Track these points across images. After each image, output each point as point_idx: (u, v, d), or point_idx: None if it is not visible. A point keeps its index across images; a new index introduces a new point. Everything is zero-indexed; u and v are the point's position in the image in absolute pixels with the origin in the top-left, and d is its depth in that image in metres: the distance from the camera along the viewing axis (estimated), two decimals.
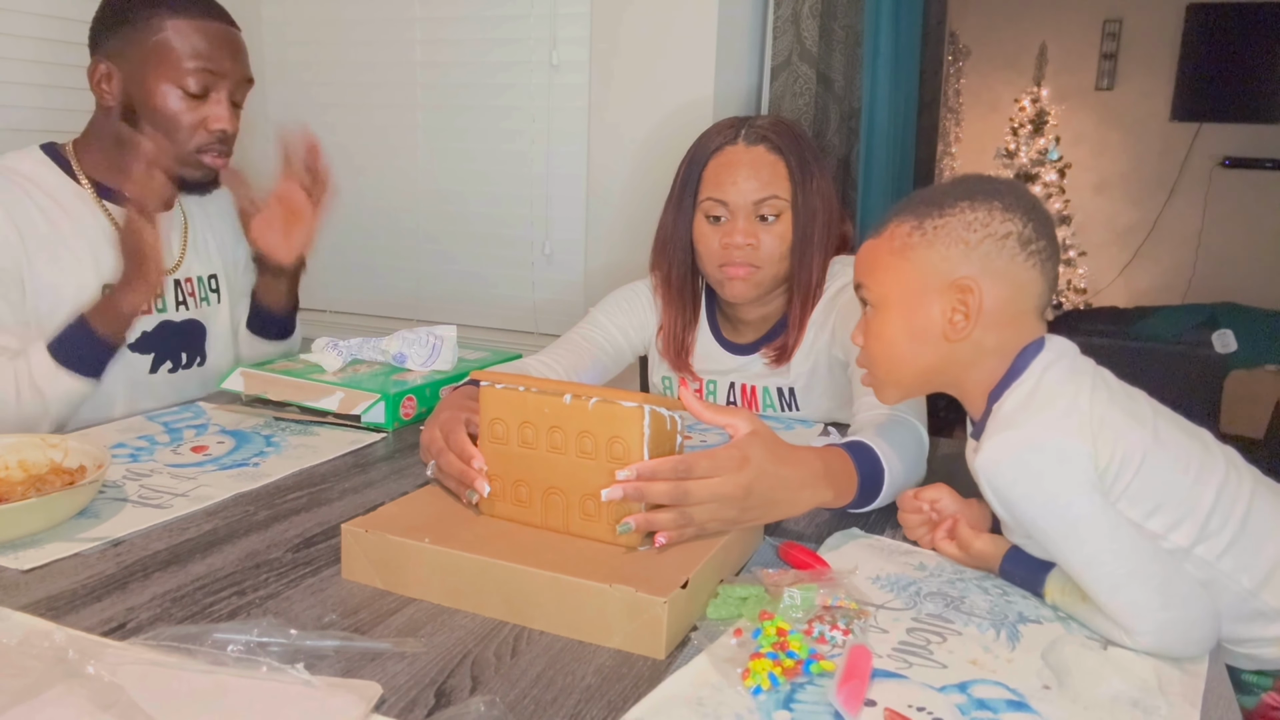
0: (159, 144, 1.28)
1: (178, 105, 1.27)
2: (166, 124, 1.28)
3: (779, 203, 1.30)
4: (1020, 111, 4.88)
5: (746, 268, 1.31)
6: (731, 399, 1.44)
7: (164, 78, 1.26)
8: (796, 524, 0.99)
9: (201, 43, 1.27)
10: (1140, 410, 0.83)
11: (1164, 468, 0.79)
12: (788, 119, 1.43)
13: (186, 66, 1.26)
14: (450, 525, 0.84)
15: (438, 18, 2.18)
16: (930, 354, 0.86)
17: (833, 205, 1.35)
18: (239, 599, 0.79)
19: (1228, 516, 0.79)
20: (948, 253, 0.84)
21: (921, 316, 0.85)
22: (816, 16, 1.97)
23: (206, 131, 1.30)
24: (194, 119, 1.29)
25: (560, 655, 0.71)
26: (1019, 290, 0.84)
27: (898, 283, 0.87)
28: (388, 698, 0.64)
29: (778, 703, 0.65)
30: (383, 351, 1.42)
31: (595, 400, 0.81)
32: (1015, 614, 0.80)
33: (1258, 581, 0.79)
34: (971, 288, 0.83)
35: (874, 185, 2.15)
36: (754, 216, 1.31)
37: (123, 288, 1.24)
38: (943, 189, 0.88)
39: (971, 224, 0.84)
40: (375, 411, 1.26)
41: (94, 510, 0.95)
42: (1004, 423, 0.81)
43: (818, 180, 1.32)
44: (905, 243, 0.86)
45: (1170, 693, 0.69)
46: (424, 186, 2.29)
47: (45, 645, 0.66)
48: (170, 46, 1.25)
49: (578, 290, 2.17)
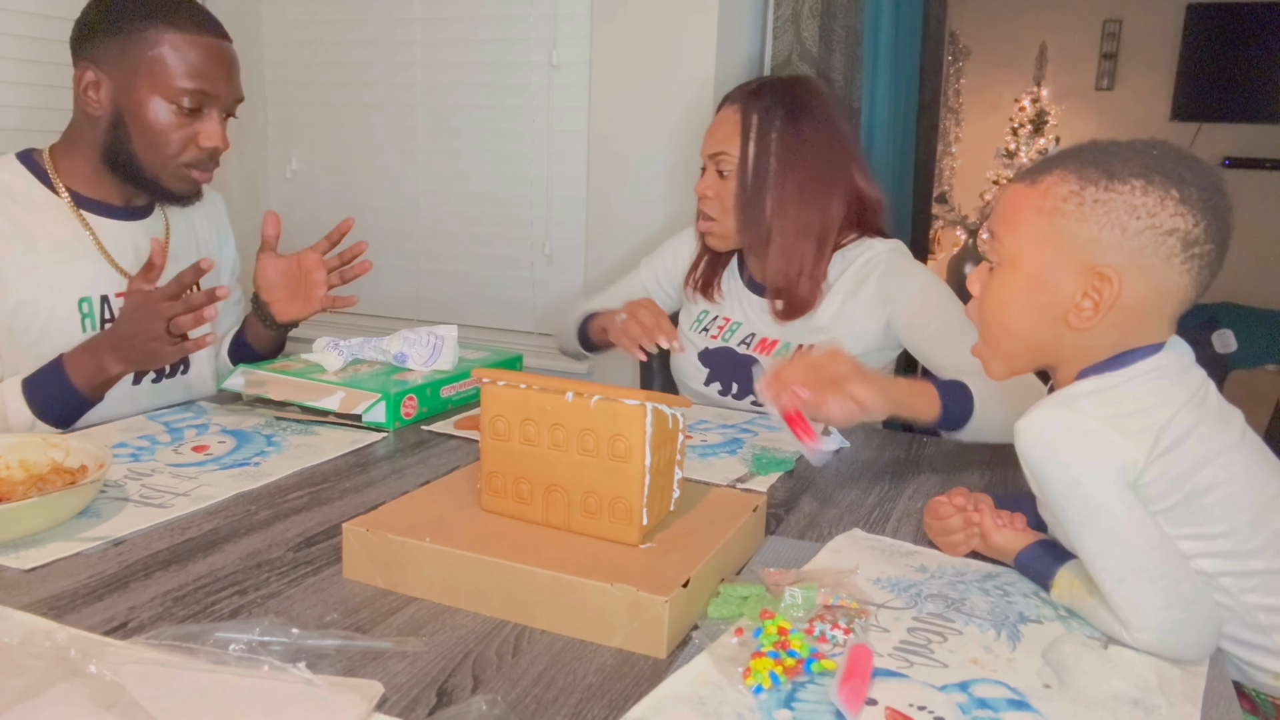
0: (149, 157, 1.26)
1: (169, 120, 1.24)
2: (156, 138, 1.25)
3: (728, 158, 1.39)
4: (1020, 111, 4.89)
5: (705, 220, 1.44)
6: (744, 343, 1.49)
7: (157, 92, 1.23)
8: (798, 521, 0.99)
9: (198, 59, 1.23)
10: (1225, 438, 0.78)
11: (1221, 504, 0.76)
12: (805, 76, 1.49)
13: (182, 85, 1.23)
14: (451, 524, 0.84)
15: (438, 18, 2.18)
16: (1045, 333, 0.80)
17: (813, 162, 1.37)
18: (240, 598, 0.79)
19: (1272, 559, 0.76)
20: (1100, 234, 0.76)
21: (1049, 291, 0.79)
22: (816, 16, 1.97)
23: (197, 148, 1.27)
24: (185, 135, 1.26)
25: (561, 654, 0.71)
26: (1163, 293, 0.77)
27: (1035, 246, 0.79)
28: (389, 697, 0.64)
29: (779, 702, 0.65)
30: (383, 351, 1.41)
31: (597, 398, 0.81)
32: (1016, 614, 0.80)
33: (1275, 623, 0.77)
34: (1111, 278, 0.75)
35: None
36: (714, 170, 1.40)
37: (115, 356, 1.19)
38: (1126, 151, 0.78)
39: (1137, 209, 0.75)
40: (376, 411, 1.26)
41: (95, 510, 0.95)
42: (1064, 399, 0.77)
43: (788, 135, 1.36)
44: (1057, 206, 0.77)
45: (1171, 692, 0.69)
46: (424, 186, 2.29)
47: (47, 644, 0.66)
48: (166, 62, 1.22)
49: (577, 290, 2.17)
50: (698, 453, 1.20)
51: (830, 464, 1.19)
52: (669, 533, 0.84)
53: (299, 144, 2.41)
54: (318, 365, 1.36)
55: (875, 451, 1.25)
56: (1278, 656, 0.79)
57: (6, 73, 1.81)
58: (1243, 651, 0.80)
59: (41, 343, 1.24)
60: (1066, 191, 0.77)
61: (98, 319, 1.29)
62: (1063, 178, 0.78)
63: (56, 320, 1.25)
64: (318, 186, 2.42)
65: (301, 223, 2.45)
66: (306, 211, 2.43)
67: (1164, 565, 0.74)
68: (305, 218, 2.44)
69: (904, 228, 2.45)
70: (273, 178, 2.45)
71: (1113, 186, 0.76)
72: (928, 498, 1.08)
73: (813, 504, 1.05)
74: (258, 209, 2.47)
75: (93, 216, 1.30)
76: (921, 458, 1.23)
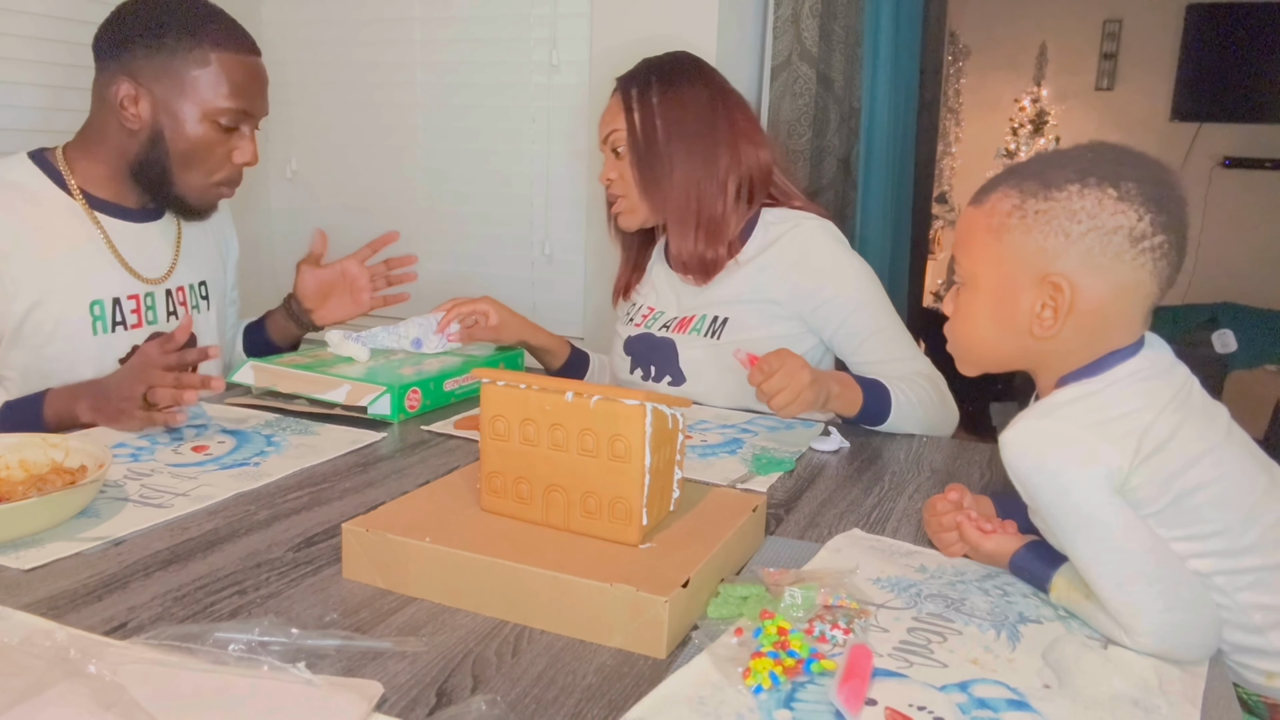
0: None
1: (210, 137, 1.26)
2: (195, 156, 1.26)
3: (618, 134, 1.44)
4: (1020, 111, 4.89)
5: (615, 200, 1.49)
6: (665, 326, 1.51)
7: (202, 110, 1.24)
8: (798, 521, 0.99)
9: (242, 78, 1.26)
10: (1211, 436, 0.78)
11: (1212, 503, 0.76)
12: (679, 51, 1.51)
13: (225, 104, 1.24)
14: (451, 524, 0.84)
15: (438, 18, 2.18)
16: (1012, 344, 0.82)
17: (694, 119, 1.41)
18: (240, 598, 0.79)
19: (1265, 555, 0.76)
20: (1045, 243, 0.77)
21: (1009, 305, 0.80)
22: (816, 16, 1.97)
23: (231, 165, 1.30)
24: (222, 153, 1.28)
25: (561, 654, 0.71)
26: (1121, 291, 0.77)
27: (989, 264, 0.82)
28: (389, 697, 0.64)
29: (779, 702, 0.65)
30: (400, 338, 1.49)
31: (597, 398, 0.81)
32: (1016, 614, 0.80)
33: (1270, 621, 0.77)
34: (1062, 286, 0.77)
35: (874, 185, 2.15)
36: (610, 153, 1.47)
37: (89, 404, 1.18)
38: (1062, 159, 0.80)
39: (1077, 214, 0.76)
40: (381, 403, 1.28)
41: (95, 510, 0.95)
42: (1046, 409, 0.78)
43: (667, 97, 1.41)
44: (1003, 223, 0.80)
45: (1171, 692, 0.69)
46: (424, 186, 2.29)
47: (47, 644, 0.66)
48: (211, 81, 1.23)
49: (578, 290, 2.17)
50: (697, 453, 1.20)
51: (830, 464, 1.19)
52: (669, 533, 0.84)
53: (299, 144, 2.41)
54: (331, 359, 1.41)
55: (875, 451, 1.26)
56: (1271, 656, 0.79)
57: (16, 73, 1.81)
58: (1234, 652, 0.79)
59: (49, 345, 1.24)
60: (1009, 207, 0.80)
61: (109, 321, 1.30)
62: (1005, 194, 0.81)
63: (66, 323, 1.25)
64: (318, 186, 2.42)
65: (302, 223, 2.46)
66: (306, 211, 2.43)
67: (1160, 568, 0.74)
68: (305, 218, 2.44)
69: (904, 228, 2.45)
70: (273, 178, 2.45)
71: (1050, 195, 0.78)
72: (928, 498, 1.08)
73: (813, 504, 1.05)
74: (258, 209, 2.47)
75: (105, 218, 1.31)
76: (921, 458, 1.23)
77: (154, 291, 1.35)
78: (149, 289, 1.34)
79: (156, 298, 1.36)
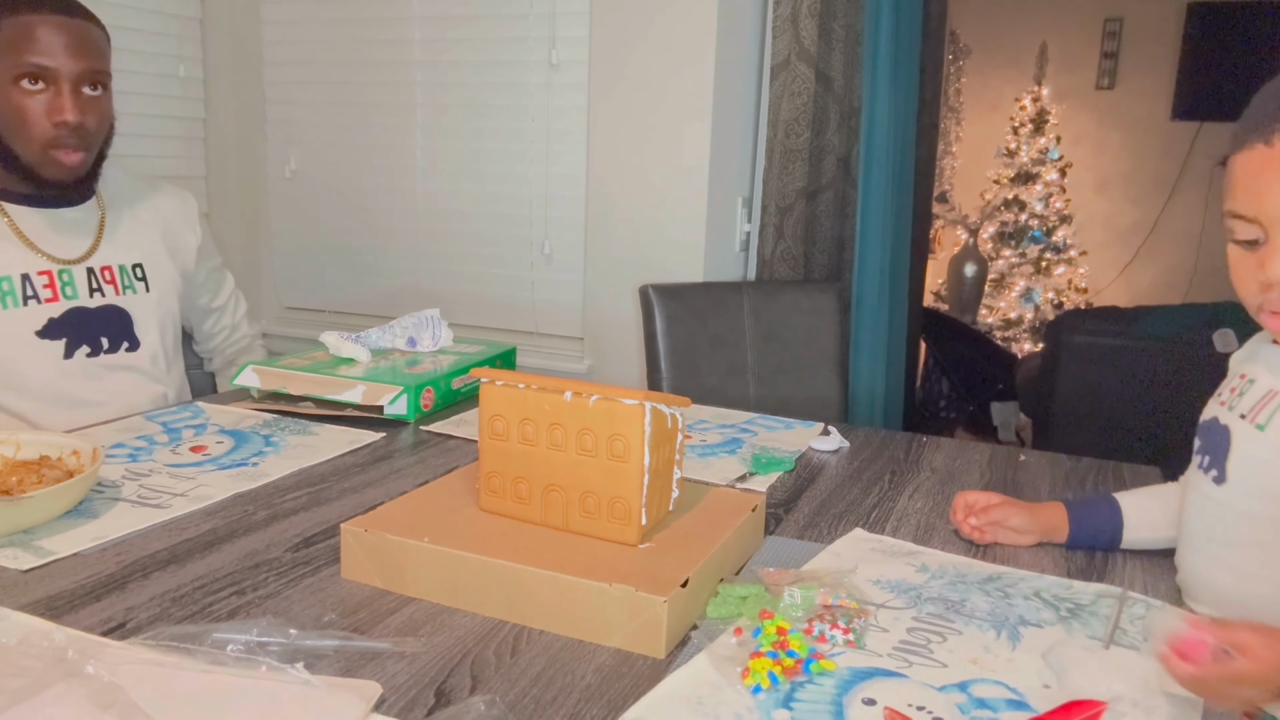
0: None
1: (23, 101, 1.27)
2: (12, 121, 1.27)
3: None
4: (1021, 111, 4.88)
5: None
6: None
7: (12, 74, 1.25)
8: (797, 521, 0.99)
9: (44, 34, 1.25)
10: None
11: None
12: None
13: (26, 62, 1.25)
14: (450, 524, 0.84)
15: (438, 17, 2.18)
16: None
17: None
18: (238, 599, 0.78)
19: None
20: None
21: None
22: (816, 16, 1.97)
23: (51, 126, 1.28)
24: (39, 113, 1.27)
25: (560, 654, 0.71)
26: None
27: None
28: (387, 697, 0.64)
29: (777, 701, 0.65)
30: (396, 338, 1.51)
31: (596, 398, 0.81)
32: (1016, 616, 0.80)
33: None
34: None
35: (874, 185, 2.15)
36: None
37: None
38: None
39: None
40: (399, 403, 1.29)
41: (93, 510, 0.95)
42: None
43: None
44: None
45: (1171, 692, 0.69)
46: (423, 186, 2.29)
47: (45, 645, 0.66)
48: (12, 42, 1.25)
49: (577, 290, 2.17)
50: (697, 452, 1.20)
51: (830, 464, 1.19)
52: (668, 533, 0.84)
53: (299, 144, 2.41)
54: (342, 359, 1.42)
55: (875, 451, 1.25)
56: None
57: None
58: None
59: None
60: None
61: (19, 296, 1.31)
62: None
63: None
64: (318, 186, 2.42)
65: (301, 223, 2.46)
66: (306, 211, 2.43)
67: None
68: (305, 218, 2.44)
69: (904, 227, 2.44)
70: (272, 178, 2.45)
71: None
72: (928, 498, 1.08)
73: (812, 504, 1.05)
74: (258, 209, 2.47)
75: (10, 205, 1.33)
76: (921, 458, 1.23)
77: (70, 270, 1.36)
78: (63, 267, 1.36)
79: (75, 274, 1.37)
